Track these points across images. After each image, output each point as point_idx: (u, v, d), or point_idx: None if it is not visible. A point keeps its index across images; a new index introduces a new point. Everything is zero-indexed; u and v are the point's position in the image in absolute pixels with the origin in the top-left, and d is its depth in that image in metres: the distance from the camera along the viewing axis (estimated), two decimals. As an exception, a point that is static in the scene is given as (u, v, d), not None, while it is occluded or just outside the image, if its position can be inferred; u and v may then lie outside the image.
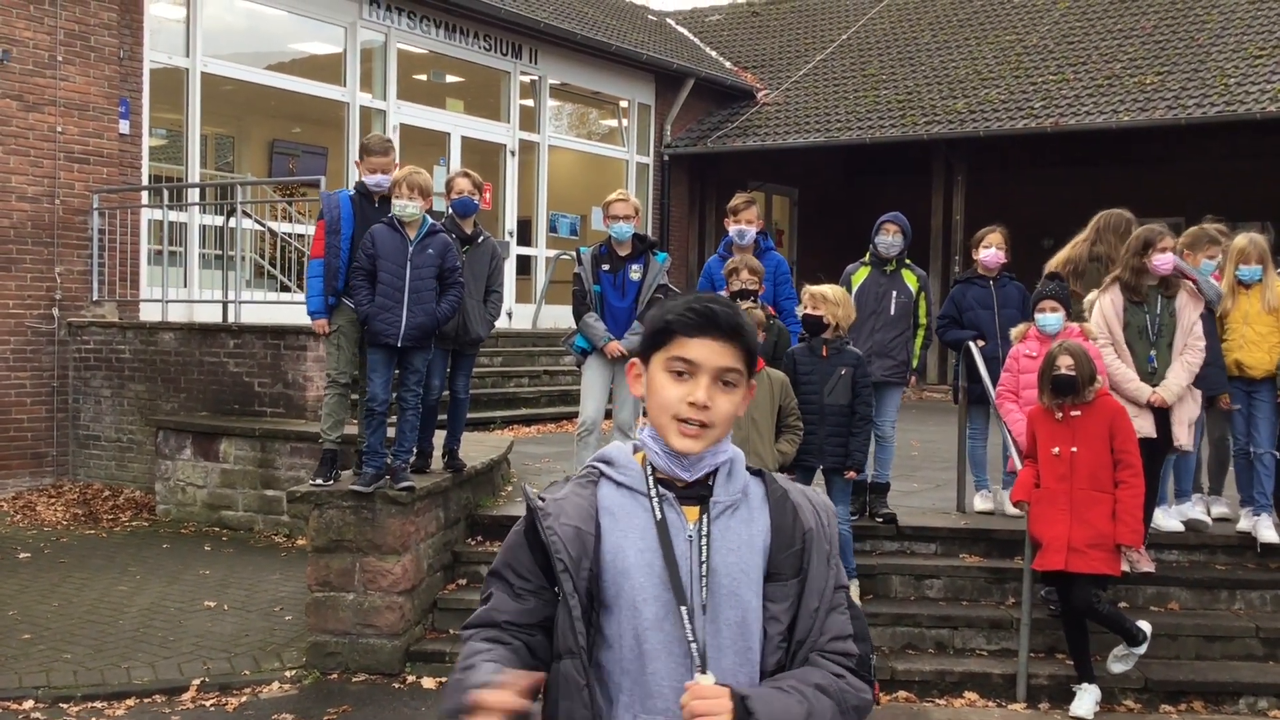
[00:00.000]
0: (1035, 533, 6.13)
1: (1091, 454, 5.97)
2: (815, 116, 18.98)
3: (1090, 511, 5.94)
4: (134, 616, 7.33)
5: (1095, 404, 6.03)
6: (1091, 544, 5.92)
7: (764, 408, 6.26)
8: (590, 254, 7.50)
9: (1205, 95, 15.99)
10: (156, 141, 13.17)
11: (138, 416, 11.07)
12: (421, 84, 16.49)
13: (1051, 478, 6.07)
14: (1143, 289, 6.80)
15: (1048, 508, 6.05)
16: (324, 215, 7.17)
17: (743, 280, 6.84)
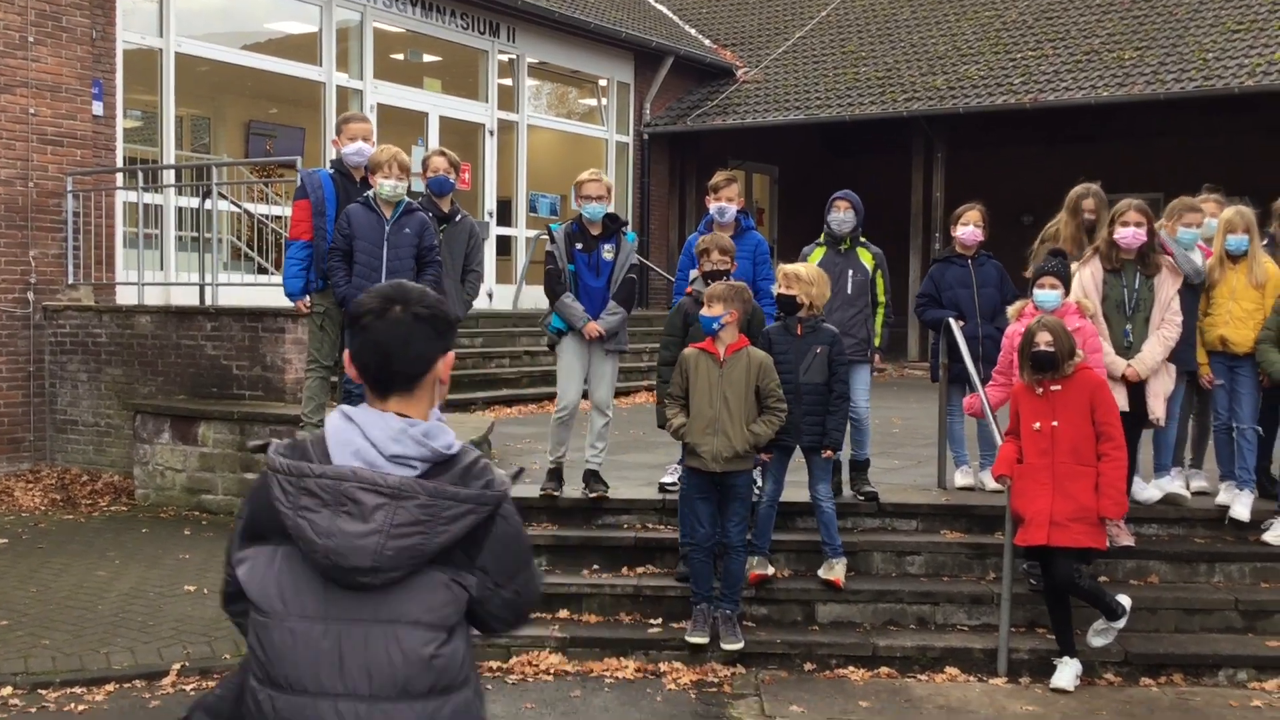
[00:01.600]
0: (1017, 508, 6.13)
1: (1072, 428, 5.99)
2: (795, 94, 18.93)
3: (1072, 485, 5.96)
4: (113, 601, 7.29)
5: (1075, 378, 6.04)
6: (1074, 517, 5.93)
7: (738, 388, 6.23)
8: (563, 232, 7.43)
9: (1184, 70, 16.01)
10: (131, 123, 13.04)
11: (115, 400, 10.99)
12: (398, 63, 16.37)
13: (1033, 453, 6.08)
14: (1114, 260, 6.82)
15: (1030, 483, 6.06)
16: (307, 195, 7.09)
17: (713, 261, 6.79)
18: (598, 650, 6.49)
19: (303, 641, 2.33)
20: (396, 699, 2.31)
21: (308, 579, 2.34)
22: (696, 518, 6.33)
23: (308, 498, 2.31)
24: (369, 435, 2.36)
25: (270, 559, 2.36)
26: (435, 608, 2.34)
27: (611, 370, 7.51)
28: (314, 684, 2.32)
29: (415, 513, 2.29)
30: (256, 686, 2.37)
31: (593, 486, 7.44)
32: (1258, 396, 7.22)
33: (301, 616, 2.33)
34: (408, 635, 2.31)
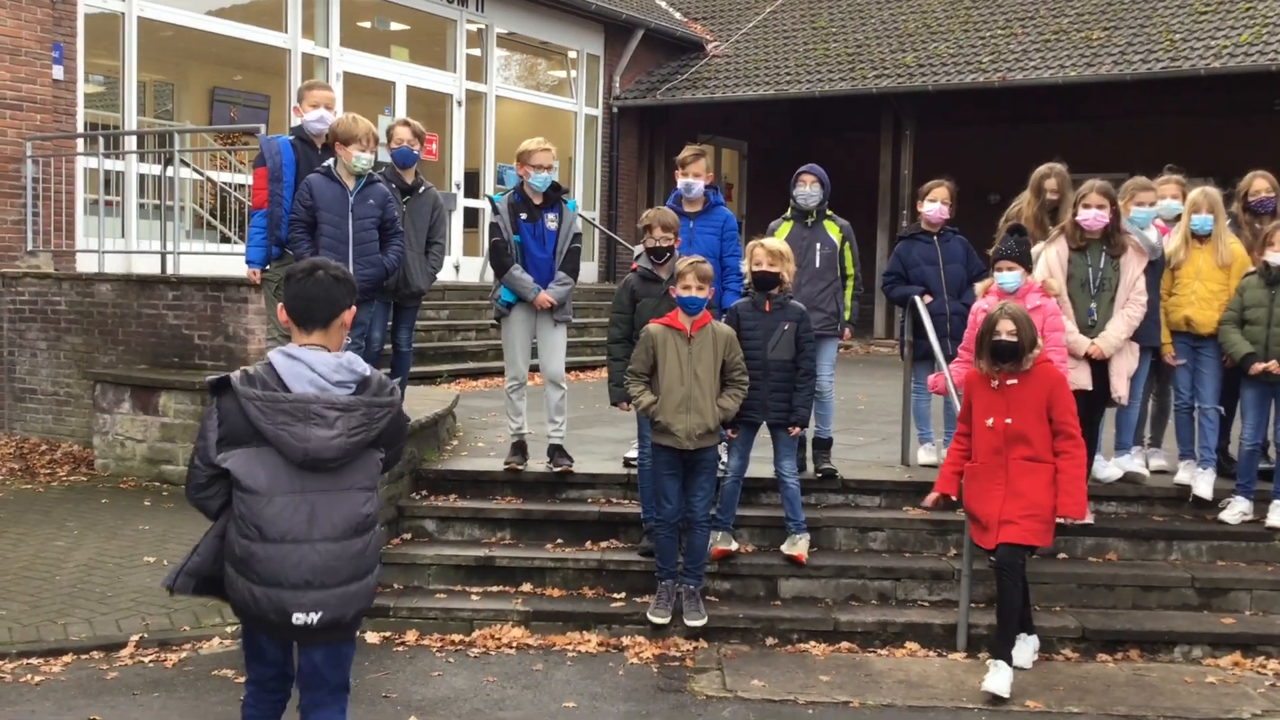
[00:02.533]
0: (970, 508, 5.92)
1: (1027, 426, 5.72)
2: (765, 69, 18.88)
3: (1023, 482, 5.71)
4: (71, 572, 7.22)
5: (1033, 373, 5.77)
6: (1025, 514, 5.71)
7: (707, 363, 6.23)
8: (506, 202, 7.34)
9: (1151, 51, 16.08)
10: (93, 88, 12.84)
11: (75, 369, 10.86)
12: (365, 31, 16.18)
13: (985, 450, 5.82)
14: (1079, 240, 6.85)
15: (983, 484, 5.82)
16: (265, 162, 7.01)
17: (656, 237, 6.72)
18: (561, 624, 6.49)
19: (288, 509, 3.57)
20: (351, 536, 3.66)
21: (283, 466, 3.58)
22: (665, 494, 6.31)
23: (284, 416, 3.55)
24: (316, 369, 3.61)
25: (251, 456, 3.58)
26: (371, 474, 3.73)
27: (562, 341, 7.48)
28: (300, 534, 3.58)
29: (360, 419, 3.61)
30: (249, 544, 3.58)
31: (557, 461, 7.42)
32: (1220, 377, 7.29)
33: (284, 493, 3.57)
34: (357, 495, 3.68)
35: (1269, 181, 7.54)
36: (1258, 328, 6.97)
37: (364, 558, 3.70)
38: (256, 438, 3.56)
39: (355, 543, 3.66)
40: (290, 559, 3.58)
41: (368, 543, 3.71)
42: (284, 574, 3.59)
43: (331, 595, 3.63)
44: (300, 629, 3.63)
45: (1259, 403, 7.07)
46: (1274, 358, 6.88)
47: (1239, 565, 7.01)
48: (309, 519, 3.59)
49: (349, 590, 3.66)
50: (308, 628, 3.63)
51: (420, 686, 5.69)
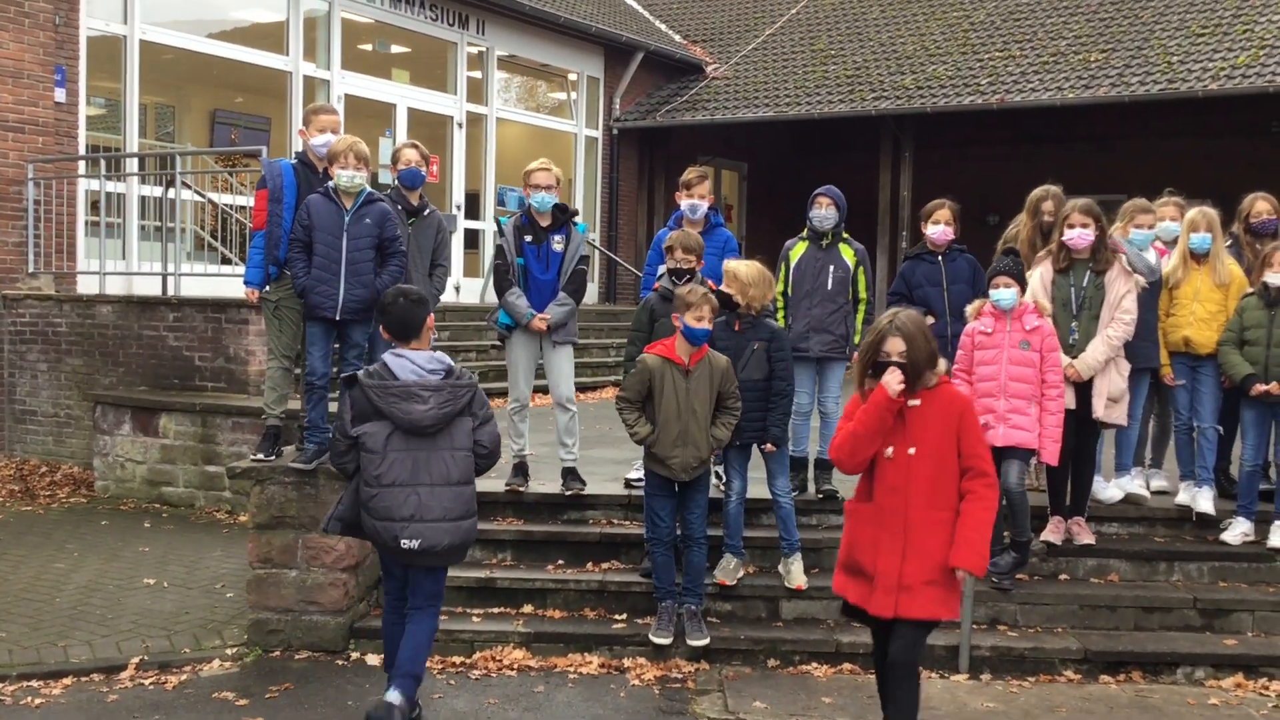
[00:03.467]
0: (854, 557, 4.83)
1: (932, 459, 4.69)
2: (764, 91, 18.95)
3: (930, 538, 4.66)
4: (71, 594, 7.21)
5: (938, 392, 4.77)
6: (928, 580, 4.66)
7: (703, 397, 6.22)
8: (512, 225, 7.39)
9: (1148, 73, 16.14)
10: (94, 110, 12.88)
11: (75, 391, 10.87)
12: (366, 54, 16.26)
13: (882, 488, 4.76)
14: (1062, 260, 6.86)
15: (877, 529, 4.74)
16: (266, 184, 7.04)
17: (677, 259, 6.76)
18: (562, 645, 6.47)
19: (397, 463, 5.00)
20: (444, 485, 5.04)
21: (394, 433, 5.01)
22: (657, 514, 6.32)
23: (393, 397, 4.99)
24: (415, 362, 5.07)
25: (373, 427, 5.01)
26: (463, 437, 5.10)
27: (566, 363, 7.49)
28: (405, 481, 4.99)
29: (447, 396, 5.04)
30: (370, 490, 5.01)
31: (569, 484, 7.43)
32: (1219, 396, 7.29)
33: (395, 451, 5.00)
34: (451, 454, 5.07)
35: (1270, 203, 7.57)
36: (1257, 348, 6.98)
37: (456, 503, 5.05)
38: (376, 414, 5.01)
39: (447, 490, 5.04)
40: (398, 500, 4.98)
41: (459, 493, 5.07)
42: (394, 511, 4.99)
43: (427, 528, 5.00)
44: (406, 552, 5.02)
45: (1259, 423, 7.08)
46: (1274, 379, 6.90)
47: (1241, 586, 7.00)
48: (412, 471, 5.00)
49: (441, 526, 5.02)
50: (410, 551, 5.01)
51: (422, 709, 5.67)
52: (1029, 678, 6.27)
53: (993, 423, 6.55)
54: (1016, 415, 6.54)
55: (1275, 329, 6.93)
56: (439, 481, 5.03)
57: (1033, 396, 6.56)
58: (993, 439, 6.55)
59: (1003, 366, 6.58)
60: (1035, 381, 6.56)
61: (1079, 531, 7.05)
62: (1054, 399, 6.57)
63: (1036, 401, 6.56)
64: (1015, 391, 6.55)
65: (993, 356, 6.62)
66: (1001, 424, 6.54)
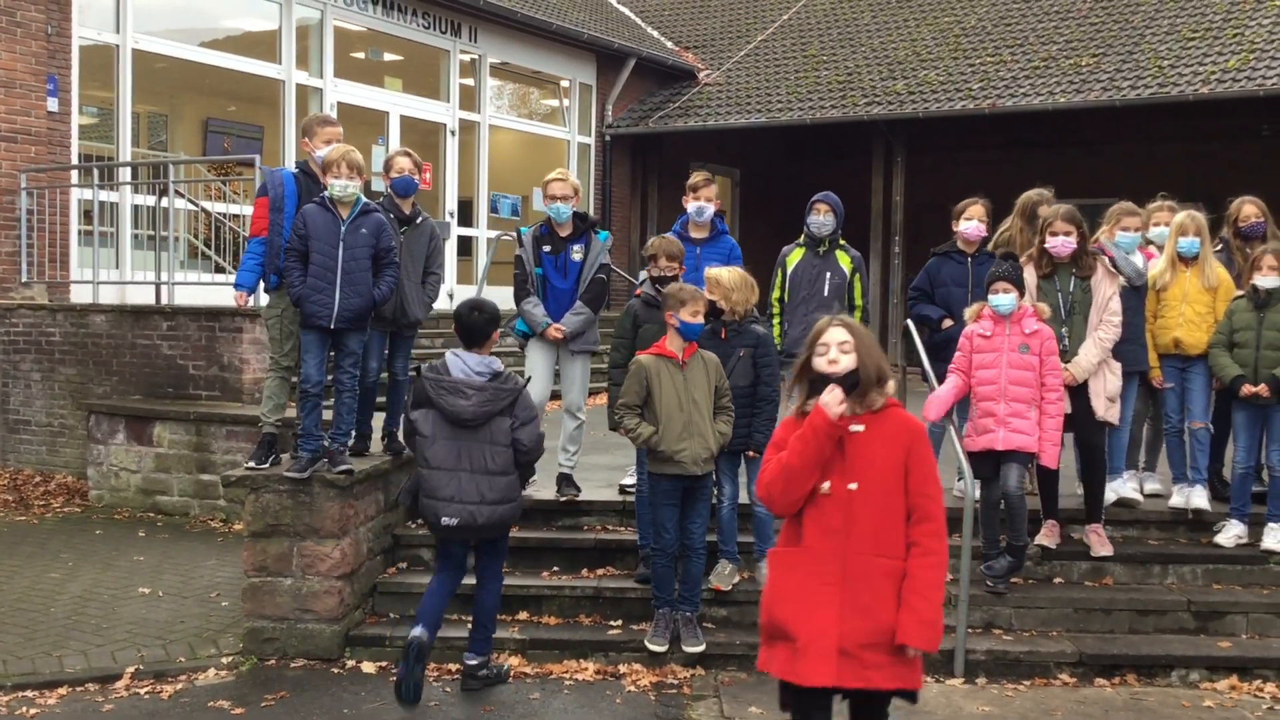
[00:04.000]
0: (780, 619, 3.96)
1: (879, 495, 3.88)
2: (756, 97, 18.99)
3: (875, 591, 3.84)
4: (66, 604, 7.20)
5: (886, 416, 3.96)
6: (874, 643, 3.82)
7: (702, 388, 6.25)
8: (531, 234, 7.45)
9: (1139, 78, 16.19)
10: (87, 120, 12.88)
11: (69, 400, 10.86)
12: (359, 62, 16.27)
13: (816, 531, 3.91)
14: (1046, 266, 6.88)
15: (807, 580, 3.90)
16: (267, 192, 7.06)
17: (661, 267, 6.78)
18: (557, 652, 6.48)
19: (444, 449, 5.69)
20: (483, 473, 5.68)
21: (443, 422, 5.69)
22: (664, 524, 6.28)
23: (444, 390, 5.68)
24: (467, 364, 5.75)
25: (427, 415, 5.72)
26: (502, 434, 5.73)
27: (582, 372, 7.51)
28: (450, 466, 5.69)
29: (488, 396, 5.69)
30: (421, 471, 5.74)
31: (564, 490, 7.43)
32: (1209, 396, 7.33)
33: (443, 439, 5.69)
34: (491, 447, 5.71)
35: (1258, 207, 7.61)
36: (1246, 350, 7.01)
37: (493, 489, 5.70)
38: (429, 403, 5.70)
39: (485, 478, 5.70)
40: (442, 481, 5.68)
41: (494, 481, 5.71)
42: (438, 490, 5.69)
43: (463, 508, 5.67)
44: (445, 527, 5.70)
45: (1250, 425, 7.11)
46: (1263, 380, 6.92)
47: (1235, 588, 7.02)
48: (456, 457, 5.69)
49: (479, 508, 5.68)
50: (449, 527, 5.69)
51: (418, 717, 5.67)
52: (1024, 681, 6.28)
53: (992, 426, 6.57)
54: (1017, 419, 6.55)
55: (1264, 331, 6.96)
56: (478, 470, 5.68)
57: (1032, 400, 6.57)
58: (993, 443, 6.58)
59: (1003, 370, 6.60)
60: (1035, 385, 6.58)
61: (1096, 542, 7.01)
62: (1053, 402, 6.59)
63: (1036, 405, 6.58)
64: (1015, 395, 6.56)
65: (992, 360, 6.63)
66: (1002, 428, 6.56)
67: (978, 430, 6.67)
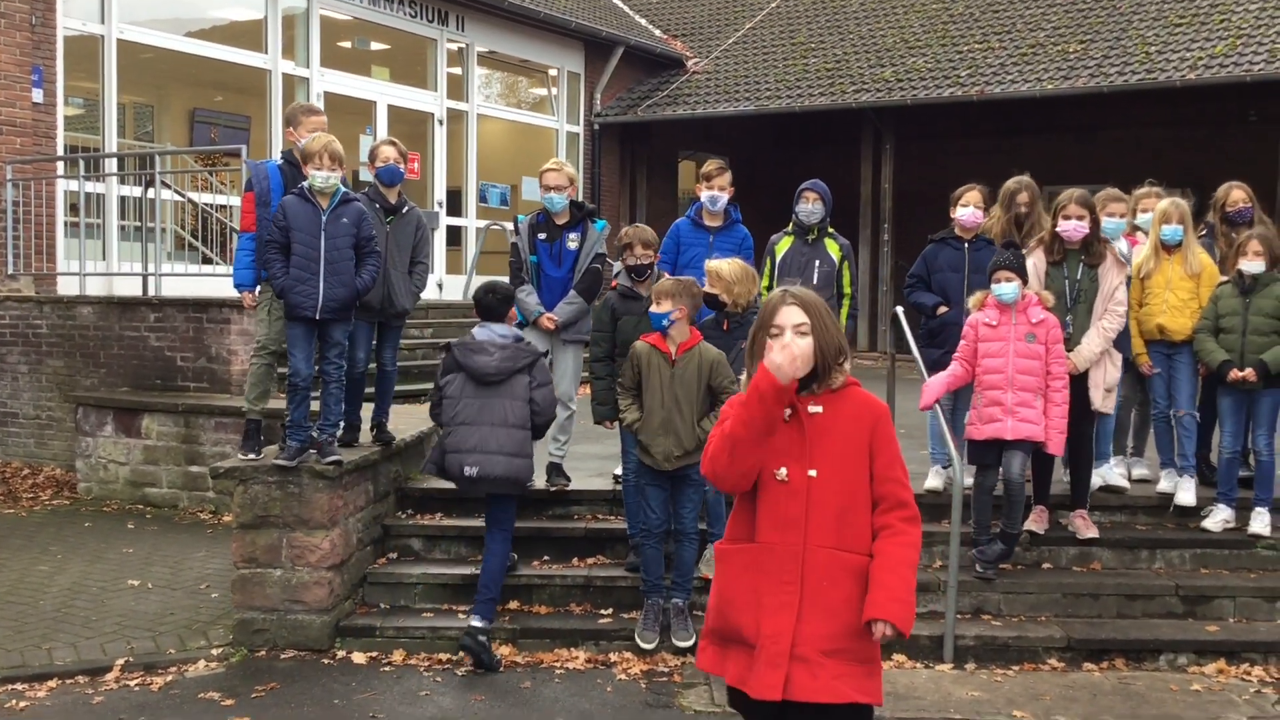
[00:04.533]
0: (731, 620, 3.51)
1: (841, 483, 3.48)
2: (745, 85, 18.97)
3: (836, 589, 3.42)
4: (55, 596, 7.18)
5: (845, 395, 3.56)
6: (834, 648, 3.39)
7: (689, 387, 6.20)
8: (528, 223, 7.43)
9: (1126, 64, 16.22)
10: (72, 111, 12.82)
11: (56, 393, 10.83)
12: (346, 51, 16.22)
13: (770, 522, 3.48)
14: (1057, 252, 6.88)
15: (760, 578, 3.47)
16: (253, 187, 7.03)
17: (636, 255, 6.74)
18: (548, 641, 6.48)
19: (468, 406, 6.30)
20: (504, 426, 6.28)
21: (468, 382, 6.32)
22: (649, 505, 6.31)
23: (469, 350, 6.36)
24: (493, 330, 6.44)
25: (454, 378, 6.35)
26: (520, 390, 6.33)
27: (574, 361, 7.50)
28: (473, 419, 6.29)
29: (509, 354, 6.35)
30: (448, 429, 6.34)
31: (554, 480, 7.43)
32: (1195, 383, 7.35)
33: (468, 397, 6.31)
34: (510, 401, 6.31)
35: (1245, 192, 7.62)
36: (1232, 336, 7.02)
37: (510, 441, 6.26)
38: (457, 368, 6.34)
39: (504, 430, 6.27)
40: (466, 435, 6.27)
41: (512, 434, 6.28)
42: (461, 444, 6.28)
43: (484, 458, 6.24)
44: (469, 480, 6.28)
45: (1235, 411, 7.13)
46: (1249, 365, 6.94)
47: (1222, 573, 7.05)
48: (478, 412, 6.28)
49: (496, 458, 6.24)
50: (471, 479, 6.27)
51: (408, 707, 5.68)
52: (1013, 666, 6.31)
53: (1000, 415, 6.57)
54: (1024, 408, 6.55)
55: (1250, 316, 6.98)
56: (498, 423, 6.25)
57: (1038, 389, 6.57)
58: (1001, 432, 6.57)
59: (1009, 359, 6.59)
60: (1041, 374, 6.57)
61: (1082, 525, 7.03)
62: (1059, 390, 6.59)
63: (1041, 394, 6.58)
64: (1023, 384, 6.55)
65: (999, 349, 6.62)
66: (1010, 417, 6.55)
67: (983, 419, 6.65)
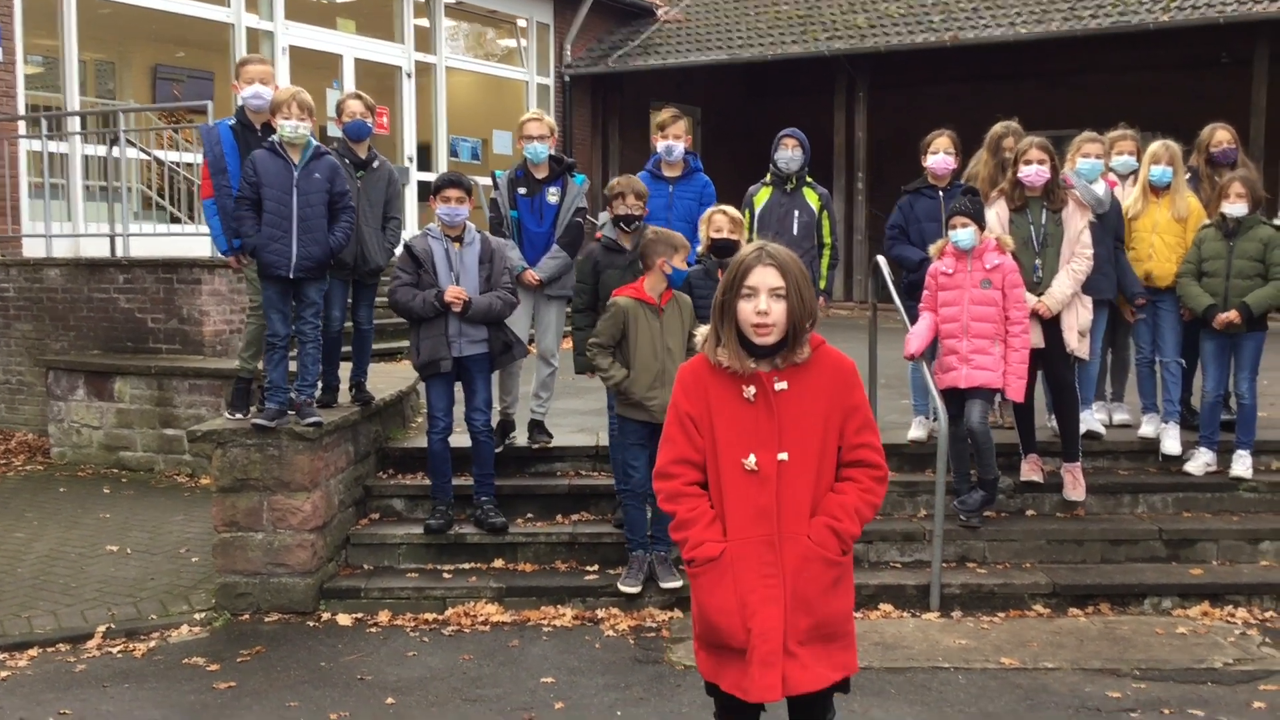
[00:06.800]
0: (718, 627, 3.32)
1: (814, 462, 3.30)
2: (717, 33, 18.77)
3: (813, 582, 3.29)
4: (33, 564, 7.09)
5: (814, 363, 3.34)
6: (814, 635, 3.30)
7: (677, 335, 6.19)
8: (506, 178, 7.30)
9: (1100, 6, 16.13)
10: (32, 69, 12.54)
11: (26, 357, 10.65)
12: (310, 4, 15.91)
13: (742, 515, 3.29)
14: (1018, 199, 6.83)
15: (740, 578, 3.29)
16: (206, 154, 6.88)
17: (629, 205, 6.65)
18: (534, 599, 6.45)
19: None
20: None
21: None
22: (631, 464, 6.27)
23: None
24: None
25: None
26: None
27: (556, 317, 7.42)
28: None
29: None
30: None
31: (536, 437, 7.37)
32: (1180, 329, 7.34)
33: None
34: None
35: (1230, 133, 7.56)
36: (1216, 280, 7.00)
37: None
38: None
39: None
40: None
41: None
42: None
43: None
44: None
45: (1219, 355, 7.12)
46: (1233, 309, 6.93)
47: (1204, 516, 7.08)
48: None
49: None
50: None
51: (396, 667, 5.64)
52: (999, 613, 6.32)
53: (955, 364, 6.57)
54: (980, 355, 6.54)
55: (1235, 260, 6.96)
56: None
57: (996, 335, 6.55)
58: (956, 380, 6.57)
59: (964, 307, 6.57)
60: (998, 320, 6.55)
61: (1072, 483, 6.98)
62: (1018, 335, 6.56)
63: (1000, 340, 6.56)
64: (978, 331, 6.54)
65: (954, 297, 6.60)
66: (965, 365, 6.55)
67: (942, 369, 6.66)
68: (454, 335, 6.61)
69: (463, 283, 6.61)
